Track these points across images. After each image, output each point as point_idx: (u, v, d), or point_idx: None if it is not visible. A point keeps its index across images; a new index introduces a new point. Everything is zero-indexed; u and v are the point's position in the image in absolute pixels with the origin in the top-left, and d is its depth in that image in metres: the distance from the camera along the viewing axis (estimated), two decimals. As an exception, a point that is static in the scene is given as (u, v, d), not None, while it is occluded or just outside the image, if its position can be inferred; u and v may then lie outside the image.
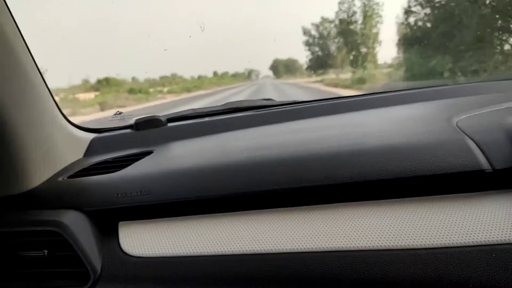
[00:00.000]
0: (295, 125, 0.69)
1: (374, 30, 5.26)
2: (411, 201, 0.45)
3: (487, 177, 0.45)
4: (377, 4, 5.24)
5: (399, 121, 0.63)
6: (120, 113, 0.81)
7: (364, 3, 5.49)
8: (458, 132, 0.50)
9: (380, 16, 5.24)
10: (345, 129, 0.62)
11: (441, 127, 0.53)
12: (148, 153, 0.64)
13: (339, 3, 5.51)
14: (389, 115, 0.70)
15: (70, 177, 0.57)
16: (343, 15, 6.00)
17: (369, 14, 5.36)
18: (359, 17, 5.49)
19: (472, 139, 0.48)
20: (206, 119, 0.76)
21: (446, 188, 0.45)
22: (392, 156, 0.47)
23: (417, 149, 0.48)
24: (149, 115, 0.72)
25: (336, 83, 5.58)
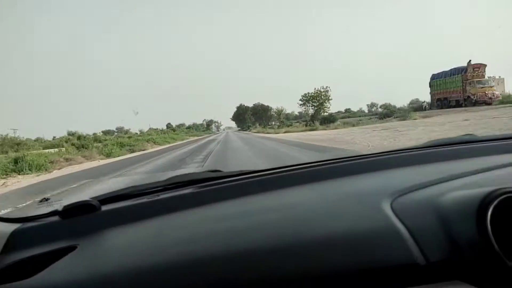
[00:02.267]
0: (236, 205, 0.70)
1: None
2: None
3: (422, 269, 0.46)
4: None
5: (337, 200, 0.65)
6: (47, 199, 0.76)
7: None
8: (391, 217, 0.52)
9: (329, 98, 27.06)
10: (285, 212, 0.63)
11: (376, 210, 0.55)
12: (72, 248, 0.58)
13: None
14: (330, 192, 0.72)
15: None
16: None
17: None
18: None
19: (405, 226, 0.49)
20: (145, 198, 0.73)
21: (383, 283, 0.46)
22: (327, 250, 0.48)
23: (352, 239, 0.49)
24: (80, 200, 0.67)
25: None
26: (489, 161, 0.78)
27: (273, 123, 52.00)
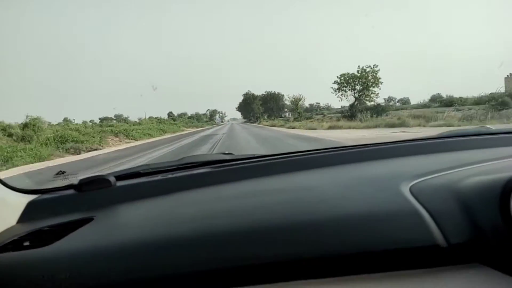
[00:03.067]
0: (250, 185, 0.78)
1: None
2: (364, 279, 0.50)
3: (442, 252, 0.51)
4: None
5: (352, 184, 0.71)
6: (63, 172, 0.89)
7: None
8: (411, 200, 0.58)
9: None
10: (300, 193, 0.70)
11: (395, 193, 0.61)
12: (88, 220, 0.66)
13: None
14: (344, 176, 0.80)
15: None
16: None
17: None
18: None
19: (426, 209, 0.55)
20: (159, 176, 0.83)
21: (402, 264, 0.51)
22: (345, 230, 0.54)
23: (371, 221, 0.55)
24: (96, 174, 0.77)
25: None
26: (503, 151, 0.86)
27: (287, 114, 50.18)
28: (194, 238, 0.56)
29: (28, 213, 0.72)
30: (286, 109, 51.99)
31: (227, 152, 1.01)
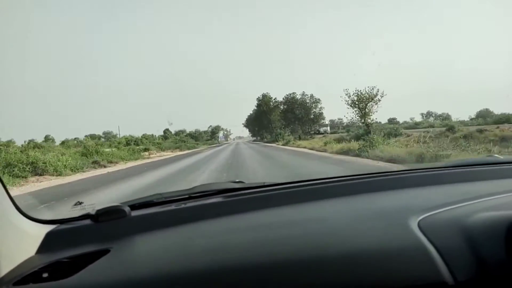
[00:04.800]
0: (262, 216, 1.04)
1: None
2: None
3: None
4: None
5: (361, 217, 0.95)
6: (81, 203, 1.16)
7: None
8: (420, 236, 0.77)
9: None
10: (311, 226, 0.93)
11: (404, 228, 0.81)
12: (105, 252, 0.87)
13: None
14: (354, 207, 1.06)
15: (16, 283, 0.77)
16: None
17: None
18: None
19: (434, 245, 0.74)
20: (173, 206, 1.12)
21: None
22: (355, 267, 0.72)
23: (380, 257, 0.73)
24: (112, 204, 1.04)
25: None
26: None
27: (327, 129, 47.00)
28: (210, 271, 0.76)
29: (47, 243, 0.96)
30: (324, 120, 49.62)
31: (237, 180, 1.36)
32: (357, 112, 27.02)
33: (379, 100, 26.79)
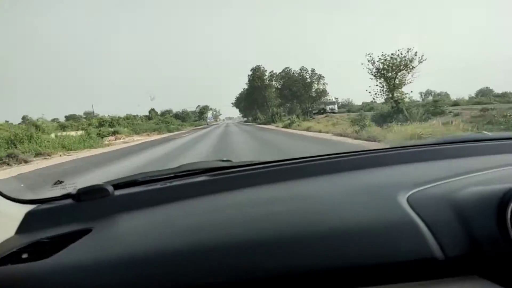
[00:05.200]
0: (249, 195, 1.08)
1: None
2: None
3: (440, 264, 0.69)
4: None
5: (349, 193, 0.99)
6: (61, 182, 1.18)
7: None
8: (409, 212, 0.79)
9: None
10: (299, 203, 0.97)
11: (393, 203, 0.84)
12: (87, 231, 0.91)
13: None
14: (342, 184, 1.11)
15: None
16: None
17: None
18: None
19: (423, 221, 0.75)
20: (158, 185, 1.14)
21: (399, 276, 0.70)
22: (344, 243, 0.74)
23: (370, 233, 0.76)
24: (94, 184, 1.07)
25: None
26: (502, 159, 1.19)
27: (331, 107, 40.14)
28: (193, 250, 0.78)
29: (27, 223, 0.98)
30: (328, 97, 43.46)
31: (225, 159, 1.39)
32: (383, 85, 21.31)
33: (413, 68, 20.52)
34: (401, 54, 20.53)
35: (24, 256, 0.84)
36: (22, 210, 1.00)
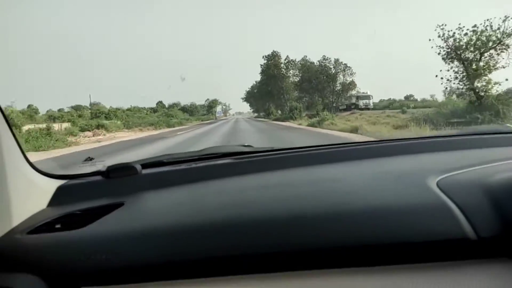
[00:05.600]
0: (274, 177, 1.13)
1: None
2: (394, 270, 0.73)
3: (472, 245, 0.72)
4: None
5: (380, 178, 1.02)
6: (91, 159, 1.26)
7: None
8: (440, 194, 0.83)
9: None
10: (326, 185, 1.01)
11: (422, 187, 0.88)
12: (119, 205, 0.98)
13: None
14: (370, 169, 1.14)
15: (30, 232, 0.86)
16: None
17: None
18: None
19: (455, 203, 0.78)
20: (183, 166, 1.22)
21: (432, 256, 0.73)
22: (375, 221, 0.78)
23: (400, 213, 0.79)
24: (123, 162, 1.14)
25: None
26: None
27: (360, 102, 33.65)
28: (220, 225, 0.83)
29: (58, 197, 1.04)
30: (359, 90, 37.22)
31: (246, 144, 1.44)
32: (459, 71, 15.62)
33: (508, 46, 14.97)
34: (490, 25, 14.96)
35: (57, 226, 0.92)
36: (54, 184, 1.09)
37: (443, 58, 15.96)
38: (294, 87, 39.70)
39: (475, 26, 15.13)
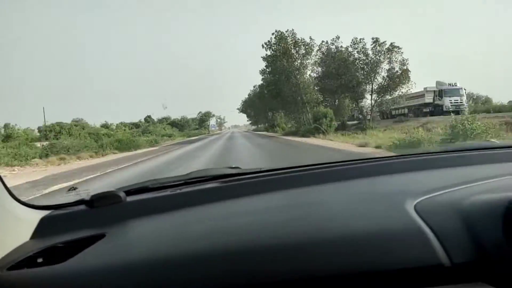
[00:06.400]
0: (259, 201, 1.22)
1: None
2: None
3: (447, 271, 0.77)
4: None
5: (357, 200, 1.18)
6: (75, 188, 1.30)
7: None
8: (416, 219, 0.91)
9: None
10: (306, 210, 1.14)
11: (401, 211, 0.97)
12: (101, 236, 1.06)
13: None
14: (351, 191, 1.30)
15: (10, 268, 0.90)
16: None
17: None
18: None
19: (430, 228, 0.86)
20: (168, 191, 1.30)
21: (408, 282, 0.80)
22: (353, 249, 0.86)
23: (378, 239, 0.86)
24: (107, 190, 1.23)
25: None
26: (509, 167, 1.29)
27: (444, 101, 23.07)
28: (205, 255, 0.88)
29: (42, 229, 1.08)
30: (407, 83, 26.10)
31: (234, 166, 1.44)
32: None
33: None
34: None
35: (40, 260, 0.98)
36: (37, 215, 1.17)
37: None
38: (315, 84, 29.04)
39: None
